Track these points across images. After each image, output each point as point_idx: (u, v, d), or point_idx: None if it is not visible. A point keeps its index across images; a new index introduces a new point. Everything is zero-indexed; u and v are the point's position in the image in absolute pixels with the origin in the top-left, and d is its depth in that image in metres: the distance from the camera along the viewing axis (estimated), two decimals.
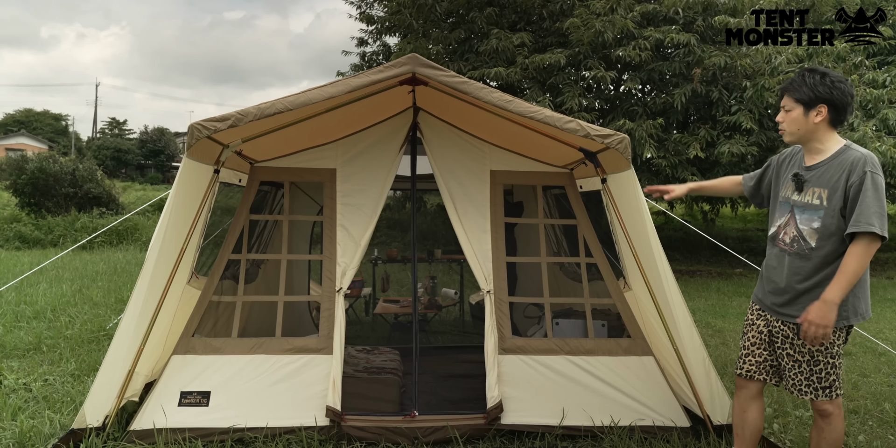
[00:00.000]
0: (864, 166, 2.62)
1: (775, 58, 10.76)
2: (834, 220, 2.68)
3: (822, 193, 2.73)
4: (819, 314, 2.61)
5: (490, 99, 3.35)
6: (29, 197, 17.84)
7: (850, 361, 5.82)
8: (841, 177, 2.67)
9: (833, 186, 2.69)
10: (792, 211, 2.84)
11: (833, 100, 2.71)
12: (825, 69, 2.78)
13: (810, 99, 2.73)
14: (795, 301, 2.79)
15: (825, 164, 2.75)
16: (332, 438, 3.59)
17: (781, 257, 2.85)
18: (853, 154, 2.69)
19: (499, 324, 3.97)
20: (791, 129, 2.82)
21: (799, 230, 2.78)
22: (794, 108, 2.79)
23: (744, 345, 3.04)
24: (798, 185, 2.82)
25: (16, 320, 6.70)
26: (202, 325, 3.93)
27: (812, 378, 2.78)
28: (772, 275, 2.90)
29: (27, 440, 3.51)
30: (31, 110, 57.39)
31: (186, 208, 3.76)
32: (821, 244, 2.71)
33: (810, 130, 2.78)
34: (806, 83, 2.75)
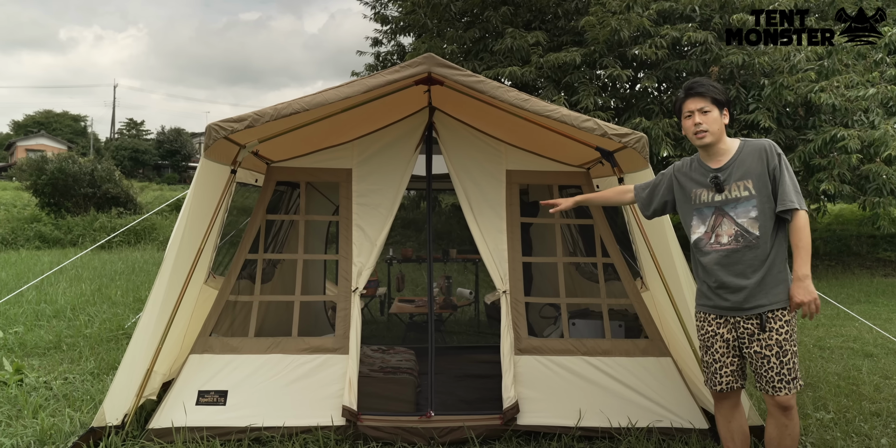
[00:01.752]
0: (776, 149, 2.83)
1: (794, 55, 10.63)
2: (767, 203, 2.81)
3: (747, 184, 2.83)
4: (805, 291, 2.72)
5: (507, 98, 3.33)
6: (49, 197, 18.11)
7: (872, 363, 5.73)
8: (759, 164, 2.82)
9: (756, 174, 2.82)
10: (720, 211, 2.89)
11: (731, 105, 2.96)
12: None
13: (724, 100, 2.91)
14: (755, 292, 2.80)
15: (735, 158, 2.88)
16: (348, 438, 3.60)
17: (726, 258, 2.85)
18: (758, 142, 2.88)
19: (515, 324, 3.95)
20: (713, 128, 2.88)
21: (739, 225, 2.84)
22: (712, 108, 2.88)
23: (713, 358, 2.95)
24: (718, 186, 2.88)
25: (36, 319, 6.79)
26: (219, 324, 3.95)
27: (783, 371, 2.78)
28: (720, 278, 2.86)
29: (48, 438, 3.55)
30: (50, 111, 58.14)
31: (204, 208, 3.78)
32: (763, 231, 2.81)
33: (723, 131, 2.92)
34: (714, 85, 2.91)
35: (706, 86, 2.90)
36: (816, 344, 6.52)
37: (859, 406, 4.40)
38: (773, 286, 2.79)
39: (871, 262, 15.22)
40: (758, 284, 2.80)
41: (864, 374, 5.32)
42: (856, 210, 17.46)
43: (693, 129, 2.90)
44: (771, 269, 2.80)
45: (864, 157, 10.01)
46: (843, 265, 14.47)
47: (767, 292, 2.79)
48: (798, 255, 2.74)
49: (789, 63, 10.67)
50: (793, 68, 10.63)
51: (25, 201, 21.09)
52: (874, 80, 10.50)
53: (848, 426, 4.00)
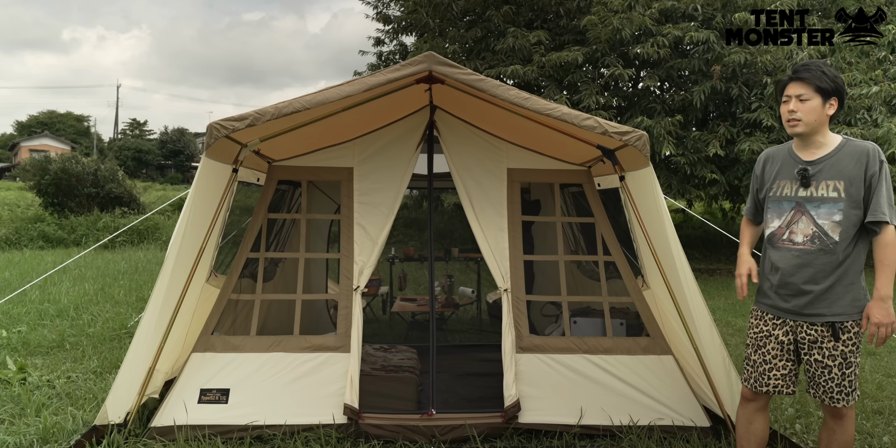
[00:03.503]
0: (880, 156, 2.63)
1: (797, 54, 10.61)
2: (855, 210, 2.64)
3: (837, 185, 2.66)
4: (882, 313, 2.56)
5: (507, 96, 3.34)
6: (52, 197, 18.14)
7: (875, 361, 5.72)
8: (857, 167, 2.63)
9: (850, 177, 2.64)
10: (800, 208, 2.73)
11: (842, 93, 2.70)
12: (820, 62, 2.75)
13: (831, 89, 2.68)
14: (820, 299, 2.68)
15: (832, 155, 2.70)
16: (349, 436, 3.61)
17: (795, 257, 2.72)
18: (862, 145, 2.67)
19: (516, 322, 3.95)
20: (808, 118, 2.70)
21: (819, 226, 2.68)
22: (813, 97, 2.69)
23: (763, 358, 2.83)
24: (805, 180, 2.72)
25: (40, 318, 6.81)
26: (221, 322, 3.96)
27: (843, 383, 2.68)
28: (787, 278, 2.74)
29: (51, 436, 3.56)
30: (53, 112, 58.33)
31: (205, 207, 3.79)
32: (843, 237, 2.65)
33: (822, 122, 2.72)
34: (826, 73, 2.67)
35: (813, 71, 2.68)
36: None
37: (861, 404, 4.39)
38: (840, 296, 2.66)
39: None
40: (824, 292, 2.68)
41: (867, 372, 5.31)
42: None
43: (787, 115, 2.74)
44: (842, 278, 2.66)
45: None
46: None
47: (833, 302, 2.67)
48: (882, 272, 2.57)
49: (792, 61, 10.65)
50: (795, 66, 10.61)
51: (29, 201, 21.15)
52: (877, 79, 10.47)
53: None
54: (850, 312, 2.66)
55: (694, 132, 11.44)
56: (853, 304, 2.66)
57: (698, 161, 11.05)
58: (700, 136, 11.06)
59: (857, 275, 2.68)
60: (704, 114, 12.01)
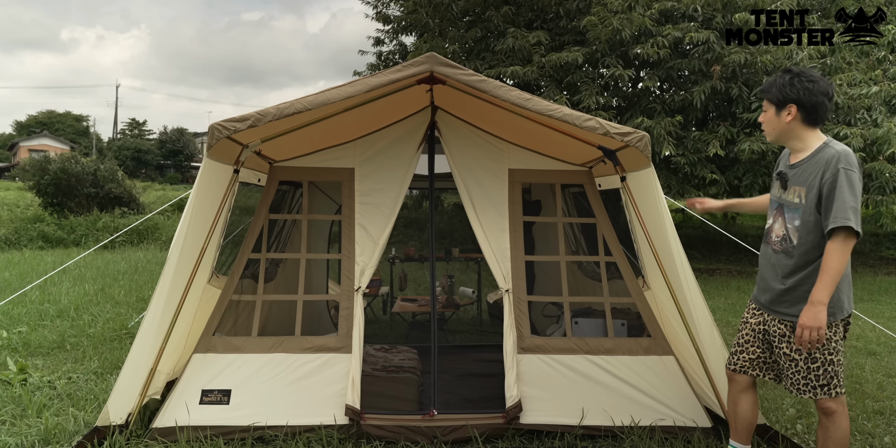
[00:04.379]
0: (838, 163, 2.66)
1: (797, 53, 10.62)
2: (811, 217, 2.74)
3: (800, 192, 2.79)
4: (809, 316, 2.64)
5: (509, 97, 3.34)
6: (52, 197, 18.12)
7: (875, 361, 5.72)
8: (817, 175, 2.72)
9: (809, 184, 2.75)
10: (780, 209, 2.91)
11: (801, 100, 2.78)
12: (801, 69, 2.85)
13: (779, 100, 2.83)
14: (782, 299, 2.84)
15: (805, 162, 2.81)
16: (351, 437, 3.61)
17: (771, 256, 2.92)
18: (829, 151, 2.73)
19: (517, 323, 3.95)
20: (767, 129, 2.93)
21: (786, 229, 2.84)
22: (769, 108, 2.90)
23: (737, 341, 3.10)
24: (783, 182, 2.89)
25: (40, 319, 6.81)
26: (223, 323, 3.96)
27: (810, 376, 2.78)
28: (763, 272, 2.97)
29: (52, 437, 3.56)
30: (53, 112, 58.31)
31: (207, 208, 3.79)
32: (802, 241, 2.77)
33: (785, 130, 2.86)
34: (776, 84, 2.85)
35: (766, 85, 2.92)
36: None
37: (862, 404, 4.40)
38: (801, 299, 2.75)
39: (874, 260, 15.20)
40: (785, 292, 2.82)
41: (868, 372, 5.31)
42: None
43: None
44: (803, 282, 2.76)
45: (867, 155, 9.99)
46: None
47: (794, 304, 2.78)
48: (820, 278, 2.63)
49: (792, 61, 10.65)
50: (795, 66, 10.61)
51: (28, 201, 21.13)
52: (877, 79, 10.48)
53: (851, 424, 3.97)
54: None
55: (694, 132, 11.44)
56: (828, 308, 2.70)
57: (698, 161, 11.06)
58: (700, 137, 11.06)
59: None
60: (704, 114, 12.01)
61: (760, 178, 11.37)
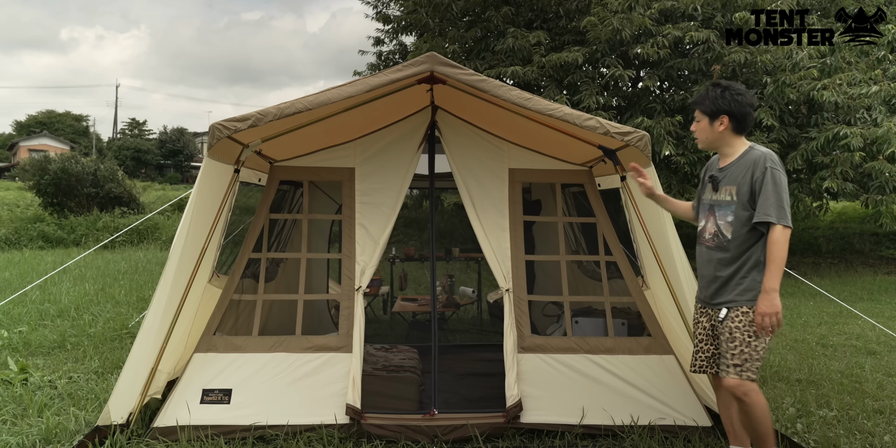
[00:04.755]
0: (765, 163, 2.91)
1: (796, 53, 10.62)
2: (744, 212, 2.96)
3: (731, 190, 3.01)
4: (766, 304, 2.83)
5: (509, 97, 3.34)
6: (52, 197, 18.14)
7: (875, 361, 5.73)
8: (746, 174, 2.96)
9: (740, 183, 2.98)
10: (711, 210, 3.11)
11: (732, 111, 3.01)
12: (728, 83, 3.07)
13: (712, 111, 3.04)
14: (721, 289, 3.03)
15: (733, 164, 3.04)
16: (352, 436, 3.61)
17: (706, 253, 3.12)
18: (755, 153, 2.99)
19: (518, 322, 3.96)
20: (701, 137, 3.14)
21: (718, 225, 3.06)
22: (702, 118, 3.10)
23: (694, 342, 3.23)
24: (714, 185, 3.11)
25: (41, 318, 6.82)
26: (223, 323, 3.96)
27: (727, 355, 2.97)
28: (701, 271, 3.16)
29: (53, 436, 3.56)
30: (52, 111, 58.26)
31: (208, 207, 3.79)
32: (735, 235, 2.99)
33: (717, 138, 3.08)
34: (708, 97, 3.06)
35: (698, 97, 3.13)
36: (819, 341, 6.53)
37: (862, 403, 4.40)
38: (735, 286, 2.98)
39: (874, 259, 15.20)
40: (724, 283, 3.02)
41: (867, 371, 5.32)
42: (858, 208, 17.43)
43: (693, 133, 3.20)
44: (738, 271, 2.99)
45: (867, 154, 10.00)
46: (846, 263, 14.46)
47: (730, 291, 3.00)
48: (768, 268, 2.86)
49: (792, 61, 10.66)
50: (795, 66, 10.62)
51: (28, 201, 21.14)
52: (877, 78, 10.48)
53: (851, 424, 4.00)
54: (740, 299, 2.96)
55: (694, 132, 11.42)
56: (744, 293, 2.95)
57: (698, 161, 11.05)
58: None
59: (750, 269, 2.96)
60: None
61: None
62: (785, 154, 10.95)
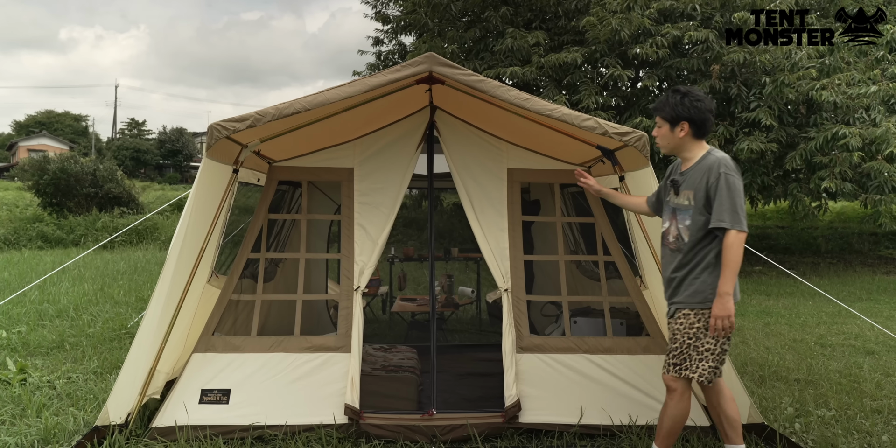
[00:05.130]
0: (719, 168, 2.96)
1: (795, 53, 10.63)
2: (700, 216, 3.02)
3: (689, 195, 3.07)
4: (718, 307, 2.90)
5: (507, 97, 3.35)
6: (51, 197, 18.14)
7: (873, 361, 5.74)
8: (703, 179, 3.01)
9: (696, 187, 3.03)
10: (674, 213, 3.17)
11: (692, 117, 3.05)
12: (687, 88, 3.12)
13: (673, 117, 3.08)
14: (676, 291, 3.12)
15: (692, 168, 3.10)
16: (350, 436, 3.61)
17: (668, 255, 3.20)
18: (711, 158, 3.04)
19: (516, 322, 3.96)
20: (662, 142, 3.19)
21: (678, 229, 3.12)
22: (663, 125, 3.15)
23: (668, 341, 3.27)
24: (675, 189, 3.17)
25: (39, 319, 6.81)
26: (222, 323, 3.96)
27: (670, 354, 3.09)
28: (663, 271, 3.25)
29: (52, 437, 3.57)
30: (51, 111, 58.21)
31: (206, 208, 3.79)
32: (692, 238, 3.05)
33: (678, 143, 3.13)
34: (669, 103, 3.09)
35: (658, 104, 3.17)
36: (818, 341, 6.53)
37: (860, 403, 4.41)
38: (686, 288, 3.06)
39: (873, 259, 15.22)
40: (678, 285, 3.11)
41: (866, 371, 5.32)
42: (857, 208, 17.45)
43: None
44: (690, 273, 3.05)
45: (866, 154, 10.01)
46: (845, 263, 14.48)
47: (681, 293, 3.08)
48: (722, 272, 2.91)
49: (790, 61, 10.67)
50: (794, 66, 10.63)
51: (28, 201, 21.14)
52: (875, 78, 10.49)
53: (849, 423, 4.01)
54: (688, 301, 3.03)
55: None
56: (693, 295, 3.02)
57: None
58: None
59: (701, 271, 3.02)
60: None
61: (759, 178, 11.38)
62: (784, 154, 10.96)
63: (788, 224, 19.80)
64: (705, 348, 3.00)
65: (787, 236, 17.97)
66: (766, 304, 9.05)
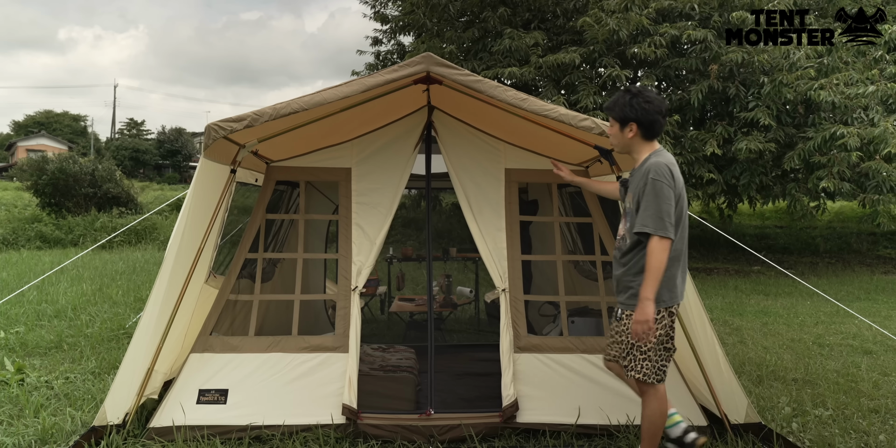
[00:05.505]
0: (649, 174, 2.95)
1: (793, 53, 10.64)
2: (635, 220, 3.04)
3: (630, 199, 3.12)
4: (638, 312, 2.90)
5: (504, 97, 3.35)
6: (49, 197, 18.12)
7: (871, 360, 5.75)
8: (640, 183, 3.02)
9: (636, 191, 3.05)
10: (625, 213, 3.20)
11: (640, 118, 3.03)
12: (639, 89, 3.09)
13: (622, 118, 3.07)
14: (618, 290, 3.19)
15: (636, 171, 3.12)
16: (348, 436, 3.61)
17: (616, 256, 3.22)
18: (649, 163, 3.02)
19: (514, 322, 3.96)
20: (614, 142, 3.19)
21: (625, 230, 3.15)
22: (614, 124, 3.14)
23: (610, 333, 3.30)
24: (624, 190, 3.20)
25: (37, 319, 6.81)
26: (220, 323, 3.96)
27: (623, 356, 3.11)
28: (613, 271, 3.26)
29: (49, 437, 3.56)
30: (50, 111, 58.18)
31: (204, 208, 3.79)
32: (631, 243, 3.07)
33: (628, 144, 3.13)
34: (619, 103, 3.08)
35: (610, 103, 3.15)
36: (816, 341, 6.54)
37: (858, 403, 4.42)
38: (622, 290, 3.11)
39: (871, 259, 15.24)
40: (617, 285, 3.18)
41: (863, 371, 5.33)
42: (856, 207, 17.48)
43: None
44: (625, 275, 3.10)
45: (864, 154, 10.02)
46: (844, 262, 14.49)
47: (622, 294, 3.13)
48: (644, 277, 2.90)
49: (789, 61, 10.68)
50: (792, 66, 10.64)
51: (26, 201, 21.12)
52: (873, 78, 10.50)
53: (846, 423, 4.01)
54: (628, 303, 3.07)
55: (691, 131, 11.46)
56: (632, 298, 3.04)
57: (696, 160, 11.08)
58: (697, 136, 11.08)
59: (637, 274, 3.02)
60: (702, 113, 12.03)
61: (758, 177, 11.40)
62: (782, 154, 10.97)
63: (787, 224, 19.83)
64: (648, 348, 3.03)
65: (785, 236, 17.99)
66: (764, 304, 9.06)
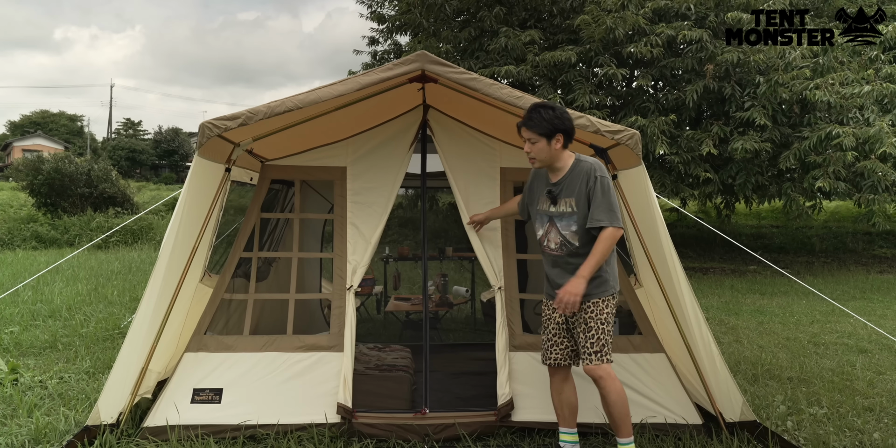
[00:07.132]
0: (595, 173, 3.19)
1: (789, 53, 10.66)
2: (584, 220, 3.22)
3: (571, 202, 3.25)
4: (572, 285, 3.15)
5: (500, 95, 3.35)
6: (45, 197, 18.07)
7: (866, 359, 5.76)
8: (581, 185, 3.21)
9: (578, 194, 3.23)
10: (552, 221, 3.32)
11: (566, 128, 3.22)
12: (551, 103, 3.27)
13: (550, 131, 3.19)
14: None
15: (566, 177, 3.28)
16: (343, 435, 3.60)
17: (554, 260, 3.35)
18: (585, 165, 3.25)
19: (510, 321, 3.96)
20: (539, 157, 3.28)
21: (563, 236, 3.28)
22: (539, 140, 3.23)
23: (547, 337, 3.42)
24: (553, 199, 3.32)
25: (32, 319, 6.79)
26: (214, 322, 3.95)
27: (586, 344, 3.21)
28: (549, 274, 3.40)
29: (42, 437, 3.55)
30: (46, 111, 57.97)
31: (198, 207, 3.78)
32: (583, 241, 3.24)
33: (553, 155, 3.27)
34: (544, 118, 3.18)
35: (535, 120, 3.20)
36: (811, 340, 6.55)
37: (852, 401, 4.42)
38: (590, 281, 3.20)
39: (867, 258, 15.28)
40: None
41: (858, 369, 5.34)
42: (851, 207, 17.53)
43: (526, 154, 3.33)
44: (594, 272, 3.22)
45: (859, 154, 10.04)
46: (839, 262, 14.52)
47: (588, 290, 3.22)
48: (588, 259, 3.16)
49: (784, 61, 10.70)
50: (788, 66, 10.66)
51: (22, 201, 21.06)
52: (869, 78, 10.52)
53: (841, 421, 4.02)
54: (595, 292, 3.23)
55: (687, 131, 11.47)
56: (598, 286, 3.23)
57: (692, 160, 11.09)
58: (693, 136, 11.09)
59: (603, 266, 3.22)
60: (698, 113, 12.05)
61: (753, 177, 11.42)
62: (778, 153, 10.99)
63: (783, 223, 19.87)
64: (610, 331, 3.23)
65: (781, 236, 18.03)
66: (760, 303, 9.07)
